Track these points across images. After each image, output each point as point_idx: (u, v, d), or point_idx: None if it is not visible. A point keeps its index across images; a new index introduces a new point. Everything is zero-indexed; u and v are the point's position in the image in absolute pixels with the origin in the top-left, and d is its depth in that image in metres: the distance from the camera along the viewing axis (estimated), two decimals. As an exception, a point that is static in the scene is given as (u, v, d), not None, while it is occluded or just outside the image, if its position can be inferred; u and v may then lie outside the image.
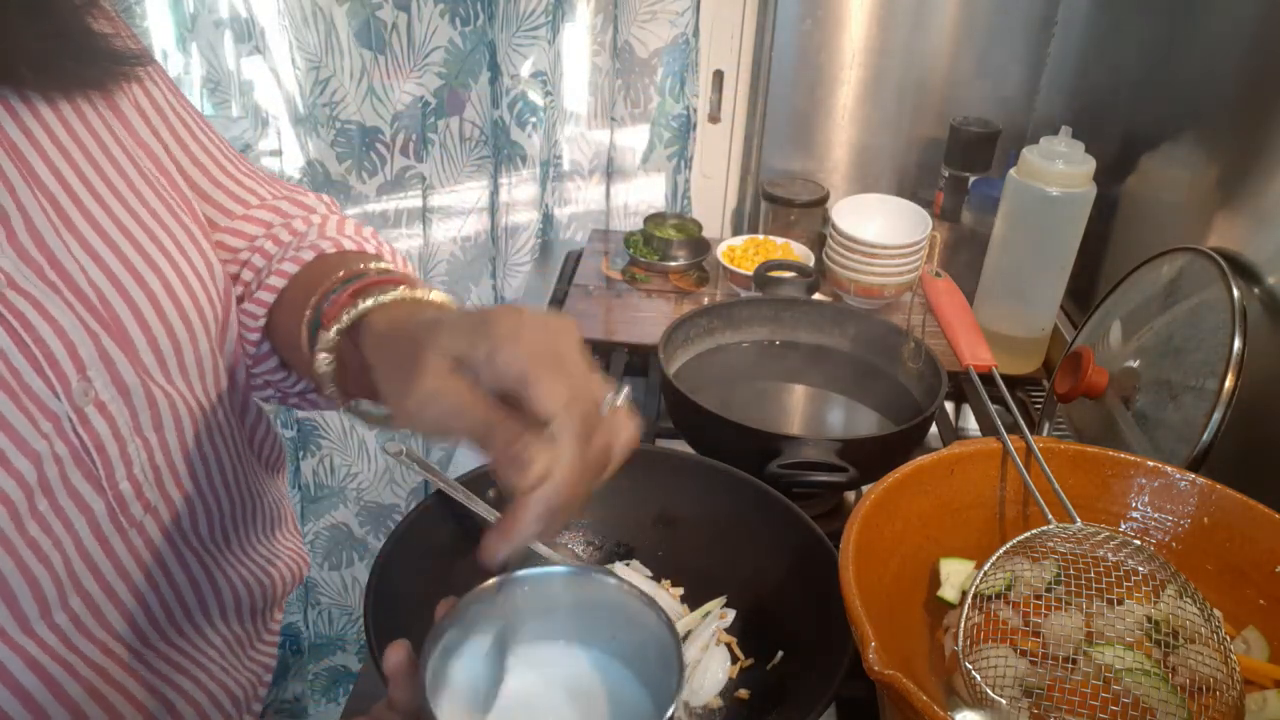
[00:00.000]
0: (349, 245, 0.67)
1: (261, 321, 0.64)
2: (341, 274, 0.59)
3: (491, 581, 0.48)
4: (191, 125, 0.65)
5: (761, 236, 1.44)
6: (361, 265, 0.60)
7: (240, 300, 0.65)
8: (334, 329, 0.55)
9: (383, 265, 0.61)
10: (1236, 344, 0.83)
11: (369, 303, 0.55)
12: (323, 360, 0.56)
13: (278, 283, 0.64)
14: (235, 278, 0.67)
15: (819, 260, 1.39)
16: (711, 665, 0.76)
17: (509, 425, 0.45)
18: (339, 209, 0.74)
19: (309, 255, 0.65)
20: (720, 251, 1.40)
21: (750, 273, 1.28)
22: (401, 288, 0.56)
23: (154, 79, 0.63)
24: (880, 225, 1.36)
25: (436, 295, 0.57)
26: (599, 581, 0.49)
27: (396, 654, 0.47)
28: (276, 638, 0.78)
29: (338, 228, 0.69)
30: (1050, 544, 0.70)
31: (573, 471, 0.45)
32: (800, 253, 1.40)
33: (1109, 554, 0.68)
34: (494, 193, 1.54)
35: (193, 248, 0.58)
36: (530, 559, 0.80)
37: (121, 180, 0.55)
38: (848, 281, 1.34)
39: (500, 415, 0.45)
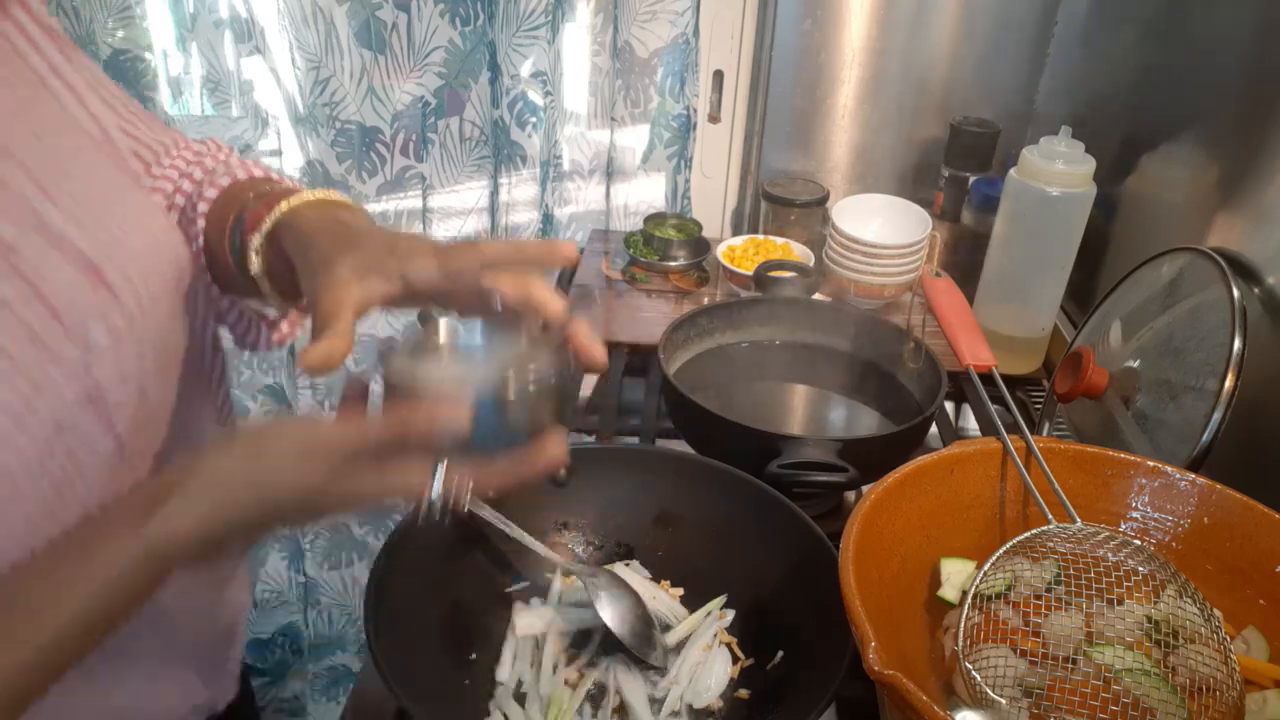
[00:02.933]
0: (258, 173, 0.72)
1: (198, 245, 0.69)
2: (252, 194, 0.65)
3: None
4: (120, 95, 0.68)
5: (761, 236, 1.44)
6: (267, 187, 0.66)
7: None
8: (260, 230, 0.62)
9: (284, 186, 0.67)
10: (1236, 344, 0.83)
11: (284, 205, 0.61)
12: (255, 261, 0.62)
13: (204, 209, 0.68)
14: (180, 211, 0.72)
15: (819, 260, 1.39)
16: (714, 666, 0.76)
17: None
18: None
19: (225, 181, 0.69)
20: (720, 251, 1.40)
21: (750, 273, 1.28)
22: (305, 191, 0.63)
23: (69, 57, 0.62)
24: (880, 225, 1.36)
25: (335, 194, 0.64)
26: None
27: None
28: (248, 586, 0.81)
29: (240, 163, 0.74)
30: (1050, 544, 0.70)
31: None
32: (800, 253, 1.40)
33: (1109, 554, 0.68)
34: (494, 193, 1.54)
35: (146, 202, 0.63)
36: (528, 556, 0.80)
37: (77, 149, 0.59)
38: (848, 281, 1.34)
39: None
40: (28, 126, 0.56)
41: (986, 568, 0.67)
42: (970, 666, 0.63)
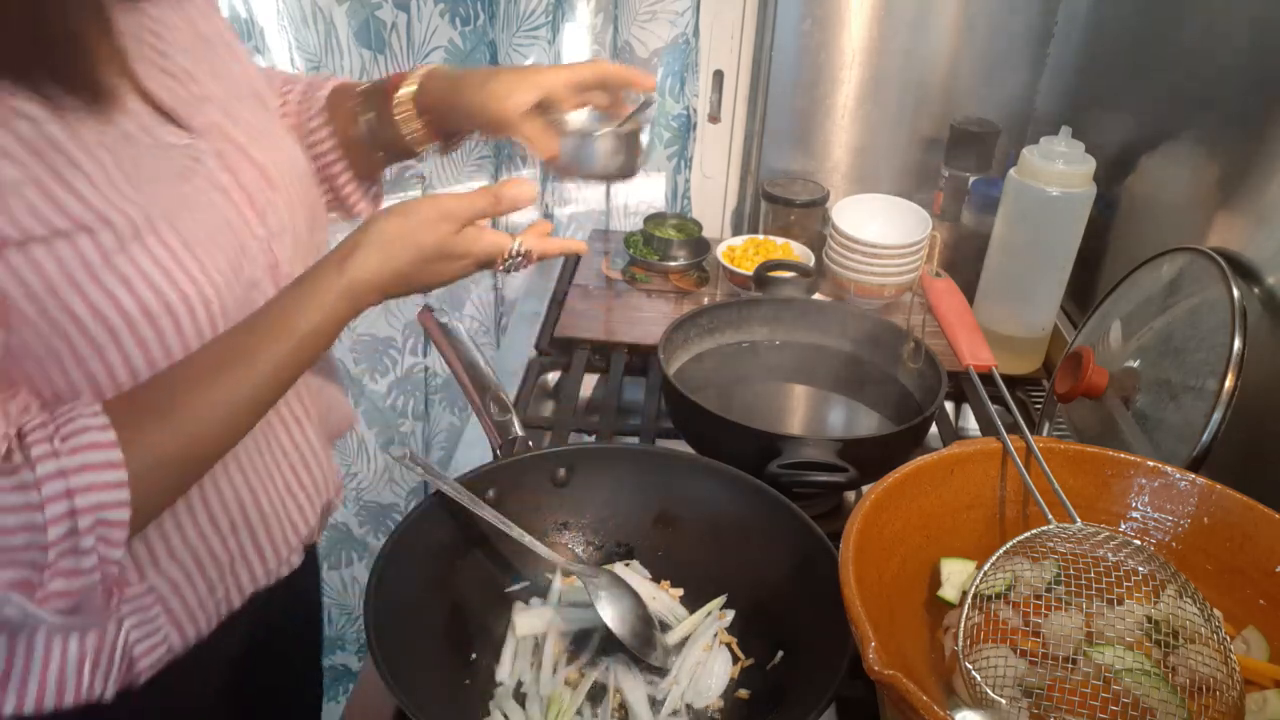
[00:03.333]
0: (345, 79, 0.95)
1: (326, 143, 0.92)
2: (365, 84, 0.91)
3: None
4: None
5: (761, 236, 1.44)
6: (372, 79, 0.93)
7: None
8: (408, 85, 0.88)
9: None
10: (1236, 344, 0.83)
11: (421, 69, 0.89)
12: (407, 109, 0.88)
13: (319, 107, 0.91)
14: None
15: (819, 260, 1.39)
16: (714, 666, 0.76)
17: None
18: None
19: (328, 86, 0.93)
20: (720, 251, 1.40)
21: (750, 273, 1.28)
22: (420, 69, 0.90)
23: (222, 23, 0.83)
24: (880, 225, 1.36)
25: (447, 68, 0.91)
26: None
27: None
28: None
29: (322, 78, 0.95)
30: (1050, 544, 0.70)
31: None
32: (800, 253, 1.40)
33: (1109, 554, 0.68)
34: (494, 192, 1.54)
35: (284, 131, 0.82)
36: (528, 556, 0.80)
37: (240, 90, 0.78)
38: (848, 281, 1.34)
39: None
40: (212, 70, 0.74)
41: (986, 568, 0.67)
42: (970, 666, 0.63)
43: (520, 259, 0.75)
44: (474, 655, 0.76)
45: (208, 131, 0.70)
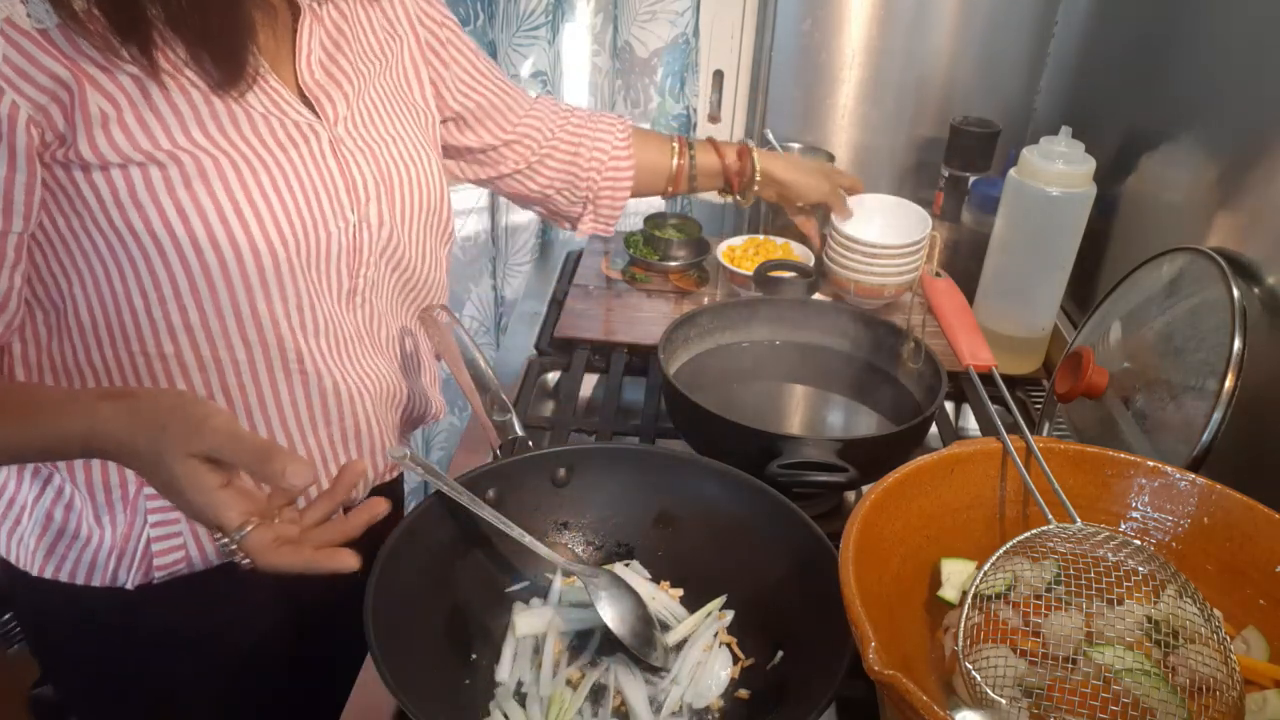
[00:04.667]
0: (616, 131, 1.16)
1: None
2: (676, 144, 1.20)
3: None
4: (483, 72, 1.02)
5: (761, 236, 1.44)
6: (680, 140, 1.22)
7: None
8: (753, 168, 1.20)
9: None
10: (1236, 344, 0.83)
11: (755, 157, 1.20)
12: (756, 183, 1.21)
13: (622, 149, 1.14)
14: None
15: (819, 260, 1.39)
16: (714, 667, 0.76)
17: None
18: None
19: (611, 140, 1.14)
20: (720, 251, 1.40)
21: (750, 273, 1.28)
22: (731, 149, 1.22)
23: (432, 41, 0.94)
24: (880, 225, 1.35)
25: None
26: None
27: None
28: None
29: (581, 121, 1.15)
30: (1050, 544, 0.70)
31: None
32: (800, 253, 1.40)
33: (1109, 554, 0.68)
34: (494, 192, 1.54)
35: (429, 152, 0.90)
36: (528, 556, 0.80)
37: (401, 100, 0.89)
38: (848, 281, 1.34)
39: None
40: (380, 77, 0.86)
41: (986, 568, 0.67)
42: (970, 666, 0.63)
43: (233, 549, 0.63)
44: (474, 655, 0.76)
45: (339, 121, 0.80)
